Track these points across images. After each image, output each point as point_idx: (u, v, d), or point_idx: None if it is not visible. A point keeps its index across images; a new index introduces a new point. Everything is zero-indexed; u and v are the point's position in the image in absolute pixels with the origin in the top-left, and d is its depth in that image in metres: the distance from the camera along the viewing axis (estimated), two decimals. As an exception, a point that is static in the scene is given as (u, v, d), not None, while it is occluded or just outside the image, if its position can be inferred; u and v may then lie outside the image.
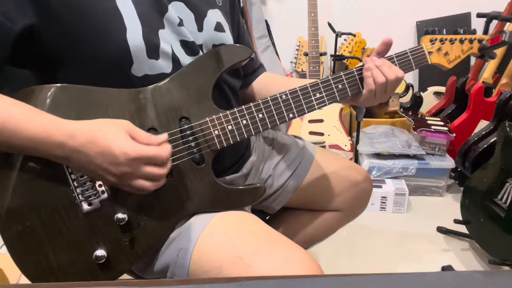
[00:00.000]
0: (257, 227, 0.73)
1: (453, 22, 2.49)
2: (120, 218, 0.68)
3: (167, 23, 0.72)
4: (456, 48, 0.86)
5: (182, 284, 0.45)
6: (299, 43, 2.48)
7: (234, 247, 0.67)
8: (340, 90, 0.79)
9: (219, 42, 0.80)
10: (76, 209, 0.67)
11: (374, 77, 0.79)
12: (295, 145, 1.03)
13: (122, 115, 0.68)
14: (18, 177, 0.64)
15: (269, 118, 0.75)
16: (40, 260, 0.66)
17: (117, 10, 0.67)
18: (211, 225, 0.71)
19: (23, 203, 0.64)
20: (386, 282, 0.44)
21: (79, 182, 0.66)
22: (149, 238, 0.71)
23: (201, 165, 0.73)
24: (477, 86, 1.96)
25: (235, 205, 0.76)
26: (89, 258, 0.67)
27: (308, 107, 0.77)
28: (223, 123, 0.73)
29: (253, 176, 0.94)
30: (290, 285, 0.45)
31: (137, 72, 0.69)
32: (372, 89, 0.79)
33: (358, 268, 1.51)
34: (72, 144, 0.60)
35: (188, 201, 0.73)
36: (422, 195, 1.99)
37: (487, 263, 1.42)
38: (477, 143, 1.72)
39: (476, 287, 0.44)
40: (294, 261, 0.64)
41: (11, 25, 0.61)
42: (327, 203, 1.03)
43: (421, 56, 0.85)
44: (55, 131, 0.60)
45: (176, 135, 0.71)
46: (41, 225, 0.65)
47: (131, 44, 0.67)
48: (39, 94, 0.65)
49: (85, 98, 0.67)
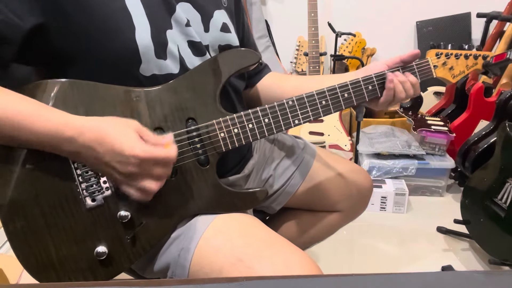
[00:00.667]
0: (258, 229, 0.73)
1: (453, 22, 2.50)
2: (123, 215, 0.68)
3: (175, 23, 0.73)
4: (461, 63, 0.88)
5: (183, 284, 0.45)
6: (299, 43, 2.48)
7: (235, 249, 0.67)
8: (346, 99, 0.81)
9: (225, 43, 0.80)
10: (80, 204, 0.67)
11: (397, 92, 0.82)
12: (296, 146, 1.03)
13: (130, 113, 0.68)
14: (22, 170, 0.64)
15: (274, 123, 0.76)
16: (41, 254, 0.66)
17: (126, 10, 0.67)
18: (213, 226, 0.71)
19: (26, 196, 0.65)
20: (386, 282, 0.45)
21: (84, 177, 0.66)
22: (150, 237, 0.71)
23: (206, 166, 0.73)
24: (477, 86, 1.96)
25: (237, 208, 0.77)
26: (90, 254, 0.68)
27: (313, 114, 0.78)
28: (229, 126, 0.73)
29: (254, 177, 0.94)
30: (290, 285, 0.45)
31: (146, 72, 0.70)
32: (390, 100, 0.83)
33: (358, 268, 1.51)
34: (81, 140, 0.60)
35: (190, 202, 0.73)
36: (422, 195, 1.99)
37: (487, 263, 1.42)
38: (477, 143, 1.72)
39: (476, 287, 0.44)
40: (294, 264, 0.64)
41: (20, 22, 0.61)
42: (327, 203, 1.03)
43: (427, 69, 0.87)
44: (64, 126, 0.60)
45: (182, 135, 0.71)
46: (43, 219, 0.65)
47: (140, 44, 0.67)
48: (48, 88, 0.65)
49: (94, 94, 0.67)
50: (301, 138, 1.07)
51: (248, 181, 0.92)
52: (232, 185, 0.85)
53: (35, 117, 0.60)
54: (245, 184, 0.91)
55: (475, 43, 2.51)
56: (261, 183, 0.97)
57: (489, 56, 0.88)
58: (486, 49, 2.32)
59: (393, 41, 2.52)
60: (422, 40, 2.52)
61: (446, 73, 0.88)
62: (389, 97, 0.83)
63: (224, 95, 0.80)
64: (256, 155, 0.95)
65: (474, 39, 2.52)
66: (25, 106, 0.61)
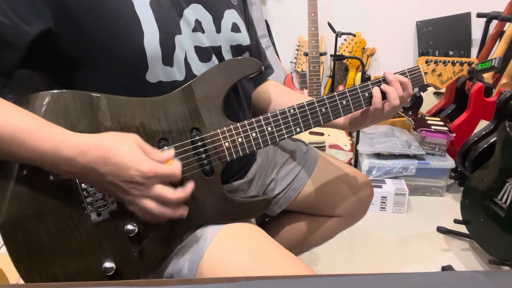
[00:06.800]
0: (265, 242, 0.73)
1: (453, 22, 2.49)
2: (130, 229, 0.66)
3: (183, 28, 0.72)
4: (448, 70, 0.92)
5: (183, 284, 0.45)
6: (299, 43, 2.48)
7: (241, 264, 0.67)
8: (344, 106, 0.81)
9: (236, 43, 0.80)
10: (85, 219, 0.65)
11: (395, 90, 0.82)
12: (299, 150, 1.02)
13: (134, 124, 0.67)
14: (25, 184, 0.62)
15: (277, 132, 0.76)
16: (46, 272, 0.64)
17: (135, 15, 0.66)
18: (219, 238, 0.71)
19: (30, 212, 0.62)
20: (386, 282, 0.44)
21: (89, 192, 0.65)
22: (157, 250, 0.70)
23: (211, 176, 0.72)
24: (477, 86, 1.96)
25: (242, 217, 0.77)
26: (97, 270, 0.66)
27: (314, 122, 0.79)
28: (233, 135, 0.73)
29: (257, 181, 0.94)
30: (290, 285, 0.45)
31: (152, 78, 0.69)
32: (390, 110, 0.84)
33: (358, 268, 1.51)
34: (82, 160, 0.58)
35: (196, 212, 0.72)
36: (422, 195, 1.99)
37: (487, 263, 1.42)
38: (477, 143, 1.72)
39: (476, 287, 0.44)
40: None
41: (27, 27, 0.60)
42: (327, 208, 1.03)
43: (418, 76, 0.89)
44: (64, 145, 0.58)
45: (187, 146, 0.70)
46: (48, 235, 0.64)
47: (148, 50, 0.66)
48: (49, 100, 0.63)
49: (97, 106, 0.65)
50: (304, 142, 1.07)
51: (251, 186, 0.91)
52: (236, 190, 0.85)
53: (35, 134, 0.57)
54: (248, 188, 0.90)
55: (475, 43, 2.51)
56: (263, 187, 0.96)
57: (473, 63, 0.92)
58: (486, 49, 2.32)
59: (393, 41, 2.52)
60: (422, 40, 2.52)
61: (435, 79, 0.92)
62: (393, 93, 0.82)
63: (234, 99, 0.80)
64: (259, 159, 0.94)
65: (474, 39, 2.52)
66: (26, 121, 0.58)
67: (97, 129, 0.64)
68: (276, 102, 0.95)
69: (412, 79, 0.87)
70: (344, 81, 2.43)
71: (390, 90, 0.82)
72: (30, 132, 0.57)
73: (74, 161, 0.58)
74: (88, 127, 0.64)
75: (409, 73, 0.87)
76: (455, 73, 0.93)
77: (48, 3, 0.62)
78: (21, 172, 0.62)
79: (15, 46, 0.61)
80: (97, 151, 0.58)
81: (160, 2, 0.70)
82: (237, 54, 0.81)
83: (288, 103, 0.79)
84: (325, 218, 1.04)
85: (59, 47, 0.65)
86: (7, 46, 0.60)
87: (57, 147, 0.57)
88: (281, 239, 1.04)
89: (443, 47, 2.48)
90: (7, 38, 0.59)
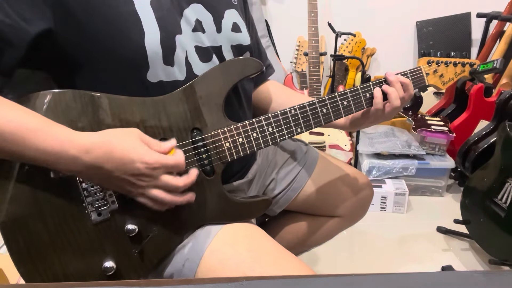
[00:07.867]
0: (264, 242, 0.73)
1: (453, 22, 2.49)
2: (130, 229, 0.67)
3: (184, 28, 0.72)
4: (450, 71, 0.92)
5: (183, 284, 0.45)
6: (299, 43, 2.48)
7: (241, 264, 0.67)
8: (345, 107, 0.81)
9: (236, 42, 0.80)
10: (85, 219, 0.65)
11: (392, 99, 0.82)
12: (299, 150, 1.02)
13: (135, 124, 0.67)
14: (26, 184, 0.62)
15: (278, 132, 0.76)
16: (47, 272, 0.64)
17: (135, 15, 0.66)
18: (219, 238, 0.71)
19: (30, 211, 0.63)
20: (386, 282, 0.44)
21: (90, 191, 0.65)
22: (158, 250, 0.70)
23: (211, 176, 0.72)
24: (477, 86, 1.96)
25: (242, 217, 0.77)
26: (97, 270, 0.66)
27: (315, 122, 0.79)
28: (234, 135, 0.73)
29: (257, 181, 0.94)
30: (290, 285, 0.45)
31: (152, 78, 0.69)
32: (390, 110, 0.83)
33: (358, 268, 1.51)
34: (87, 159, 0.58)
35: (197, 212, 0.72)
36: (422, 195, 1.99)
37: (487, 263, 1.42)
38: (477, 143, 1.72)
39: (476, 287, 0.44)
40: None
41: (27, 26, 0.60)
42: (327, 208, 1.03)
43: (420, 77, 0.89)
44: (69, 144, 0.58)
45: (188, 146, 0.70)
46: (48, 234, 0.64)
47: (149, 49, 0.66)
48: (50, 99, 0.63)
49: (97, 105, 0.65)
50: (304, 143, 1.06)
51: (251, 186, 0.91)
52: (236, 190, 0.85)
53: (39, 132, 0.57)
54: (248, 188, 0.90)
55: (475, 43, 2.51)
56: (263, 187, 0.96)
57: (475, 64, 0.92)
58: (486, 49, 2.32)
59: (393, 41, 2.52)
60: (422, 40, 2.52)
61: (436, 80, 0.91)
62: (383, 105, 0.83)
63: (234, 99, 0.80)
64: (259, 159, 0.94)
65: (474, 39, 2.52)
66: (30, 120, 0.58)
67: (98, 128, 0.64)
68: (277, 102, 0.95)
69: (414, 80, 0.87)
70: (344, 81, 2.43)
71: (391, 91, 0.82)
72: (34, 130, 0.57)
73: (80, 159, 0.58)
74: (89, 126, 0.64)
75: (411, 74, 0.87)
76: (457, 74, 0.93)
77: (49, 3, 0.62)
78: (22, 172, 0.62)
79: (15, 46, 0.60)
80: (101, 149, 0.59)
81: (161, 1, 0.69)
82: (238, 54, 0.81)
83: (288, 103, 0.79)
84: (325, 218, 1.04)
85: (60, 47, 0.65)
86: (7, 45, 0.60)
87: (63, 146, 0.58)
88: (281, 239, 1.04)
89: (443, 47, 2.49)
90: (8, 37, 0.59)
